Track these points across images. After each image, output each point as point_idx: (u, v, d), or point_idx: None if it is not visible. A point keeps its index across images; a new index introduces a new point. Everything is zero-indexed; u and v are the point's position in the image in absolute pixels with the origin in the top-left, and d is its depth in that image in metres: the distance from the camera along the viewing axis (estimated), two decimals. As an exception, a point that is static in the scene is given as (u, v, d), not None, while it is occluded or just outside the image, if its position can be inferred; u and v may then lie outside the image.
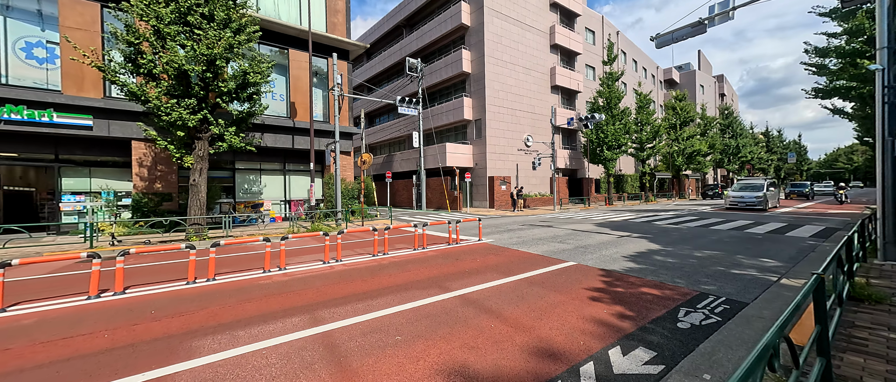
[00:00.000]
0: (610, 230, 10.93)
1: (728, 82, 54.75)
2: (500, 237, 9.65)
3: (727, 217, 14.45)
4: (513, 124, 23.95)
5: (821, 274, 2.26)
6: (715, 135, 38.35)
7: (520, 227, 11.93)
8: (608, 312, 3.88)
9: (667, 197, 35.43)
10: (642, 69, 38.90)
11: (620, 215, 16.47)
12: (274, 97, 14.53)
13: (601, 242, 8.57)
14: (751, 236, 9.53)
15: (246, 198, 14.28)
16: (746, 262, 6.34)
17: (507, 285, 4.94)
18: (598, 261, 6.42)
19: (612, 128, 24.45)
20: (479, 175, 22.86)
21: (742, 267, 6.02)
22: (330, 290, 4.71)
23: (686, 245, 8.12)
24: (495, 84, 22.73)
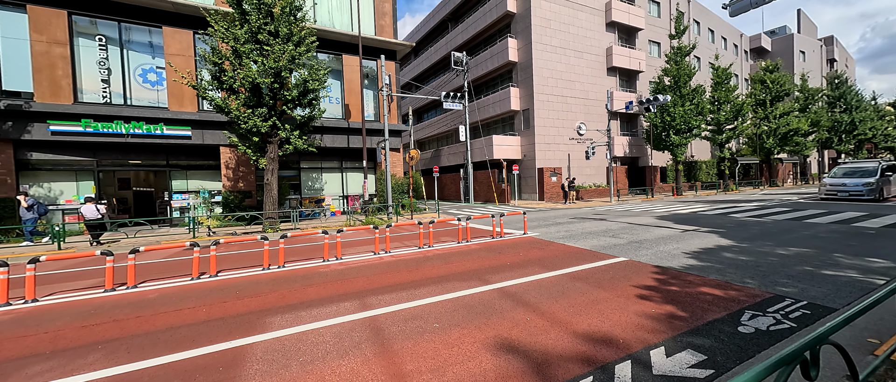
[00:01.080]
0: (672, 223, 9.96)
1: (840, 45, 45.00)
2: (547, 230, 9.41)
3: (829, 208, 12.15)
4: (563, 112, 22.76)
5: None
6: (820, 109, 32.03)
7: (569, 220, 11.46)
8: (657, 311, 3.66)
9: (753, 185, 30.72)
10: (721, 39, 33.87)
11: (689, 207, 14.81)
12: (330, 101, 15.80)
13: (660, 237, 7.89)
14: (860, 231, 7.95)
15: (310, 194, 15.85)
16: (846, 262, 5.36)
17: (548, 279, 4.89)
18: (652, 258, 5.97)
19: (680, 109, 21.87)
20: (528, 166, 22.25)
21: (839, 267, 5.12)
22: (378, 279, 5.14)
23: (767, 241, 7.10)
24: (544, 71, 21.76)
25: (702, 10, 31.92)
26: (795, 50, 38.12)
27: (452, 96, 16.02)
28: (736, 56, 35.28)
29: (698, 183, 28.11)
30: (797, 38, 38.61)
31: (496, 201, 21.37)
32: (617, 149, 24.80)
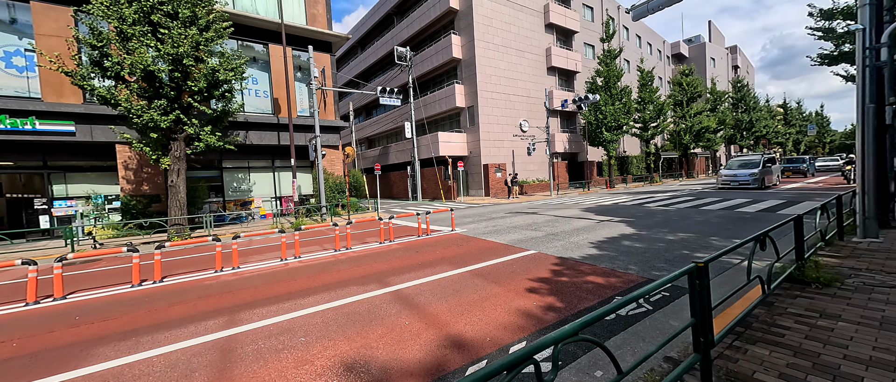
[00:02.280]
0: (594, 214, 10.62)
1: (742, 53, 51.99)
2: (476, 226, 9.49)
3: (724, 196, 13.87)
4: (507, 109, 23.40)
5: (699, 263, 2.05)
6: (726, 110, 36.71)
7: (503, 215, 11.72)
8: (538, 304, 3.71)
9: (674, 177, 34.37)
10: (647, 45, 37.24)
11: (616, 198, 16.02)
12: (257, 94, 14.51)
13: (577, 228, 8.31)
14: (740, 216, 9.09)
15: (236, 197, 14.46)
16: (717, 244, 6.02)
17: (451, 278, 4.81)
18: (560, 249, 6.21)
19: (610, 108, 23.59)
20: (474, 163, 22.56)
21: (710, 249, 5.72)
22: (268, 289, 4.68)
23: (664, 228, 7.79)
24: (487, 69, 22.13)
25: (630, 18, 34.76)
26: (707, 57, 43.24)
27: (396, 92, 15.58)
28: (659, 60, 39.05)
29: (629, 176, 30.76)
30: (708, 47, 43.83)
31: (443, 198, 21.38)
32: (557, 146, 26.14)
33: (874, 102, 5.19)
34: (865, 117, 5.18)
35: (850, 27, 5.01)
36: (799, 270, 3.63)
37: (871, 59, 5.11)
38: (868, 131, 5.20)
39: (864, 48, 5.14)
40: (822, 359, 2.22)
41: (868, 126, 5.19)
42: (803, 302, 3.12)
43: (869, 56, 5.11)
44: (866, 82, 5.15)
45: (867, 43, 5.12)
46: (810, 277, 3.52)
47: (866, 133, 5.21)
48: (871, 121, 5.17)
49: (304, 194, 15.80)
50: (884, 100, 6.50)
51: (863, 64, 5.16)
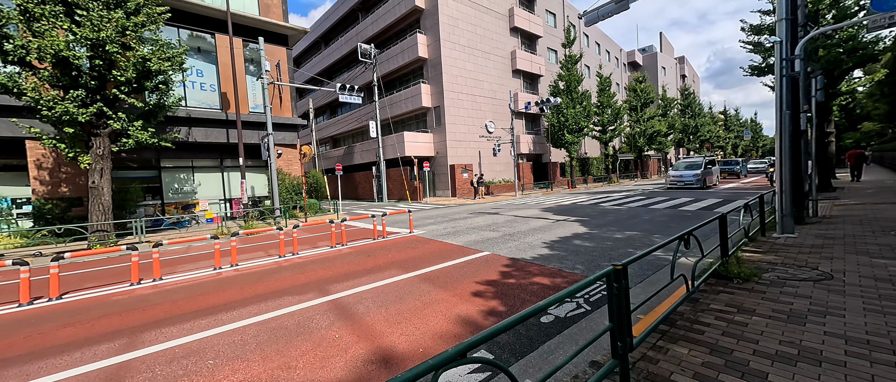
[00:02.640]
0: (552, 214, 10.86)
1: (689, 63, 56.44)
2: (436, 228, 9.33)
3: (671, 195, 14.83)
4: (473, 110, 23.54)
5: (617, 265, 2.00)
6: (675, 115, 39.57)
7: (466, 216, 11.67)
8: (480, 309, 3.60)
9: (630, 177, 36.48)
10: (606, 52, 39.25)
11: (576, 198, 16.60)
12: (202, 87, 13.37)
13: (533, 228, 8.42)
14: (682, 214, 9.69)
15: (177, 199, 13.22)
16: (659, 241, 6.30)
17: (397, 283, 4.59)
18: (513, 250, 6.20)
19: (571, 111, 24.51)
20: (441, 163, 22.45)
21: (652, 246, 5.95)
22: (188, 304, 4.19)
23: (615, 226, 8.09)
24: (453, 69, 22.12)
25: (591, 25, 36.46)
26: (659, 65, 46.46)
27: (356, 90, 15.02)
28: (616, 67, 41.34)
29: (590, 176, 32.19)
30: (660, 56, 47.12)
31: (409, 199, 21.05)
32: (522, 147, 26.74)
33: (790, 109, 5.68)
34: (783, 123, 5.65)
35: (771, 39, 5.41)
36: (723, 266, 3.82)
37: (787, 70, 5.58)
38: (785, 136, 5.67)
39: (781, 59, 5.60)
40: (735, 356, 2.28)
41: (785, 131, 5.67)
42: (725, 298, 3.25)
43: (785, 67, 5.58)
44: (783, 91, 5.61)
45: (784, 54, 5.59)
46: (732, 273, 3.71)
47: (783, 138, 5.68)
48: (787, 127, 5.65)
49: (258, 195, 14.82)
50: (798, 108, 7.17)
51: (780, 74, 5.62)
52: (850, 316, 2.72)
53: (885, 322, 2.59)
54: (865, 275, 3.59)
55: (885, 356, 2.16)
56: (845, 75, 12.80)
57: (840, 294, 3.17)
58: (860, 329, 2.50)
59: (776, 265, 4.14)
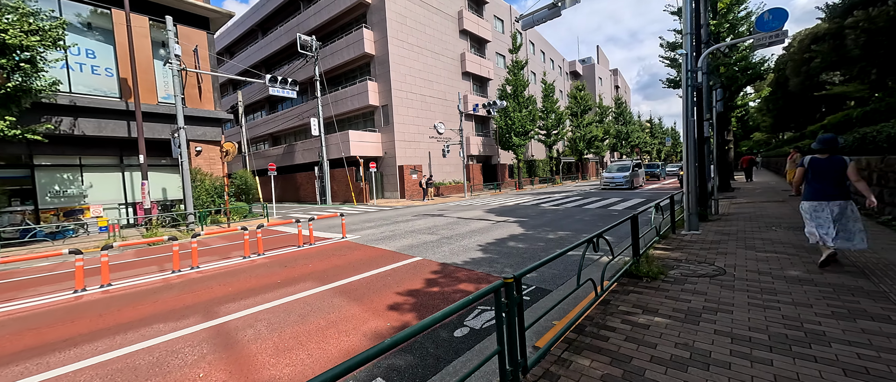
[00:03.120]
0: (494, 216, 10.92)
1: (621, 76, 62.27)
2: (373, 232, 8.80)
3: (604, 196, 15.94)
4: (423, 110, 23.24)
5: (506, 278, 1.77)
6: (610, 122, 43.24)
7: (409, 218, 11.27)
8: (393, 326, 3.24)
9: (572, 179, 39.00)
10: (550, 61, 41.57)
11: (520, 199, 17.07)
12: (96, 71, 11.26)
13: (473, 230, 8.30)
14: (611, 213, 10.32)
15: (59, 204, 10.94)
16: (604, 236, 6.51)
17: (306, 299, 4.05)
18: (447, 254, 5.95)
19: (518, 115, 25.39)
20: (389, 164, 21.77)
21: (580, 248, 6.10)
22: (10, 343, 3.23)
23: (550, 227, 8.28)
24: (401, 67, 21.60)
25: (536, 34, 38.36)
26: (596, 76, 50.53)
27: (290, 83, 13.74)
28: (560, 75, 44.07)
29: (536, 178, 33.72)
30: (597, 68, 51.29)
31: (354, 201, 20.05)
32: (472, 149, 27.08)
33: (696, 118, 6.20)
34: (689, 130, 6.15)
35: (678, 52, 5.80)
36: (635, 265, 3.92)
37: (692, 81, 6.08)
38: (691, 142, 6.17)
39: (687, 71, 6.10)
40: (633, 364, 2.20)
41: (691, 138, 6.17)
42: (633, 298, 3.28)
43: (690, 78, 6.08)
44: (689, 100, 6.11)
45: (689, 66, 6.09)
46: (642, 272, 3.80)
47: (689, 142, 6.18)
48: (692, 134, 6.16)
49: (172, 199, 12.90)
50: (702, 117, 7.93)
51: (686, 84, 6.11)
52: (737, 312, 2.85)
53: (765, 316, 2.73)
54: (751, 269, 3.90)
55: (763, 354, 2.22)
56: (740, 91, 14.80)
57: (730, 289, 3.36)
58: (744, 326, 2.60)
59: (681, 262, 4.38)
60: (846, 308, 2.78)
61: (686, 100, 6.13)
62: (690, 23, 6.06)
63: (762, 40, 5.46)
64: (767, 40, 5.40)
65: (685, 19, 6.12)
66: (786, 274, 3.68)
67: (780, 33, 5.32)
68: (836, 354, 2.15)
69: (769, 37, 5.38)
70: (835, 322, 2.55)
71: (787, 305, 2.90)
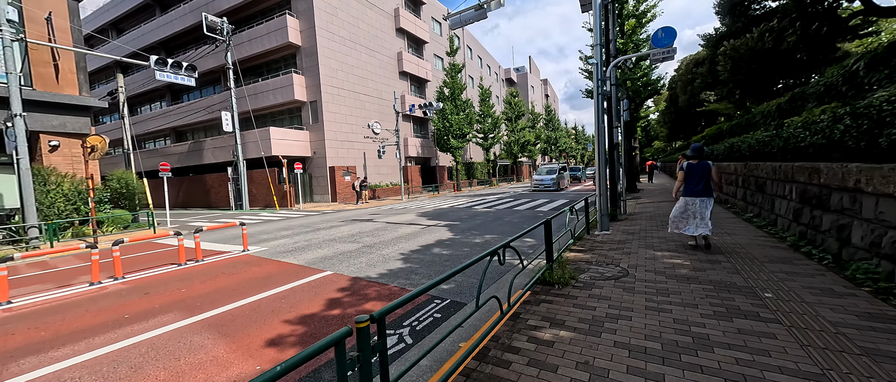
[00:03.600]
0: (426, 220, 10.55)
1: (550, 85, 67.67)
2: (285, 242, 7.73)
3: (534, 197, 16.76)
4: (358, 109, 22.01)
5: (360, 321, 1.31)
6: (541, 128, 46.49)
7: (334, 225, 10.29)
8: (263, 369, 2.56)
9: (508, 181, 40.89)
10: (487, 67, 43.13)
11: (456, 201, 17.05)
12: None
13: (400, 236, 7.79)
14: (537, 214, 10.71)
15: None
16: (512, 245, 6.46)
17: (153, 339, 3.11)
18: (363, 266, 5.35)
19: (456, 117, 25.63)
20: (319, 165, 20.10)
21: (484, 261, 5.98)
22: None
23: (479, 231, 8.17)
24: (332, 61, 20.13)
25: (475, 40, 39.45)
26: (529, 84, 54.03)
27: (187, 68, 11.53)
28: (496, 81, 46.05)
29: (475, 180, 34.55)
30: (529, 77, 54.90)
31: (277, 205, 18.02)
32: (411, 150, 26.56)
33: (607, 125, 6.58)
34: (600, 135, 6.49)
35: (590, 61, 6.04)
36: (549, 271, 3.82)
37: (602, 89, 6.44)
38: (602, 147, 6.53)
39: (597, 80, 6.44)
40: (530, 397, 1.92)
41: (602, 143, 6.52)
42: (543, 309, 3.11)
43: (600, 86, 6.43)
44: (599, 107, 6.45)
45: (599, 76, 6.44)
46: (555, 279, 3.71)
47: (600, 147, 6.53)
48: (604, 139, 6.52)
49: (8, 207, 9.91)
50: (613, 124, 8.55)
51: (597, 92, 6.45)
52: (635, 317, 2.82)
53: (659, 321, 2.74)
54: (649, 269, 4.09)
55: (656, 367, 2.13)
56: (643, 103, 16.82)
57: (631, 291, 3.41)
58: (641, 334, 2.55)
59: (591, 264, 4.46)
60: (725, 306, 2.94)
61: (597, 106, 6.46)
62: (600, 36, 6.41)
63: (657, 55, 6.01)
64: (661, 55, 5.95)
65: (596, 32, 6.46)
66: (676, 272, 3.91)
67: (670, 50, 5.90)
68: (719, 361, 2.15)
69: (662, 52, 5.94)
70: (716, 323, 2.64)
71: (677, 307, 2.98)
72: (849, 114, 3.65)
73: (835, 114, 3.97)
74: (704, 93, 21.03)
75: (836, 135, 3.89)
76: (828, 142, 4.17)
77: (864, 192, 3.35)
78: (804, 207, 4.68)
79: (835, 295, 2.99)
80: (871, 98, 3.34)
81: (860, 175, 3.36)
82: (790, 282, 3.35)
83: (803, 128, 4.86)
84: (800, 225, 4.80)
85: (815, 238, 4.35)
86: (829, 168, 3.92)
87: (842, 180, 3.67)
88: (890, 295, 2.82)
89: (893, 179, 2.90)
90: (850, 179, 3.53)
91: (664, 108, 31.92)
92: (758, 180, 6.61)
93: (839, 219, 3.81)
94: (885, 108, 3.04)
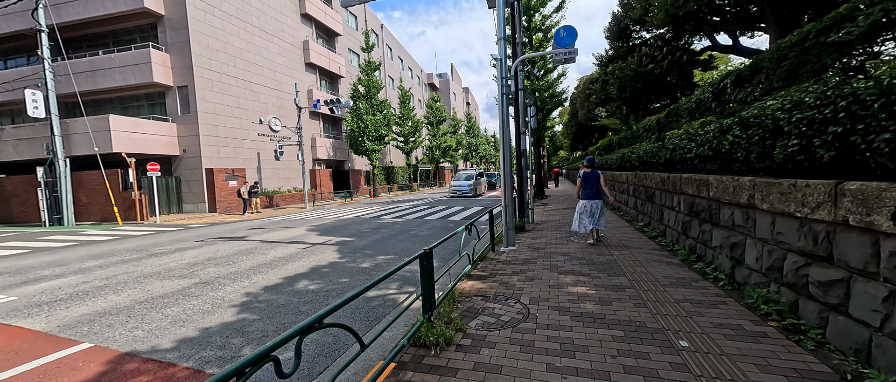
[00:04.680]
0: (316, 235, 8.71)
1: (472, 94, 70.33)
2: (66, 283, 5.12)
3: (450, 204, 16.10)
4: (250, 101, 18.49)
5: None
6: (462, 134, 47.45)
7: (180, 248, 7.67)
8: None
9: (429, 186, 40.36)
10: (408, 69, 42.12)
11: (368, 209, 15.31)
12: None
13: (262, 263, 5.90)
14: (448, 225, 9.82)
15: None
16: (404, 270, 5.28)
17: None
18: (161, 326, 3.46)
19: (372, 118, 23.77)
20: (191, 166, 16.07)
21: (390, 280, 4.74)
22: None
23: (373, 249, 6.78)
24: (212, 40, 16.42)
25: (395, 41, 38.03)
26: (451, 91, 54.94)
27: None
28: (418, 85, 45.41)
29: (395, 185, 32.95)
30: (451, 84, 55.90)
31: (118, 219, 13.61)
32: (320, 152, 23.70)
33: (513, 128, 5.91)
34: (505, 138, 5.79)
35: (492, 56, 5.24)
36: (426, 327, 2.68)
37: (506, 86, 5.76)
38: (507, 152, 5.84)
39: (502, 78, 5.74)
40: None
41: (507, 147, 5.83)
42: (395, 413, 1.92)
43: (504, 85, 5.75)
44: (504, 107, 5.75)
45: (503, 73, 5.74)
46: (431, 340, 2.58)
47: (506, 153, 5.83)
48: (510, 143, 5.83)
49: None
50: (520, 129, 8.09)
51: (501, 91, 5.75)
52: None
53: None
54: (553, 305, 3.31)
55: None
56: (550, 114, 17.73)
57: (529, 349, 2.49)
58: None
59: (488, 299, 3.52)
60: (640, 369, 2.18)
61: (502, 107, 5.76)
62: (502, 28, 5.73)
63: (560, 55, 5.60)
64: (564, 56, 5.56)
65: (497, 25, 5.78)
66: (582, 308, 3.20)
67: (571, 51, 5.54)
68: None
69: (565, 52, 5.55)
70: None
71: (584, 374, 2.11)
72: (738, 124, 3.42)
73: (722, 124, 3.80)
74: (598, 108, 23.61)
75: (725, 147, 3.70)
76: (715, 153, 4.03)
77: (758, 209, 3.07)
78: (693, 220, 4.57)
79: (748, 336, 2.51)
80: (762, 106, 3.08)
81: (754, 190, 3.07)
82: (698, 318, 2.85)
83: (689, 139, 4.82)
84: (689, 238, 4.71)
85: (705, 253, 4.20)
86: (720, 181, 3.71)
87: (733, 194, 3.43)
88: (801, 334, 2.42)
89: (795, 197, 2.55)
90: (742, 194, 3.26)
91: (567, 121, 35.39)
92: (647, 190, 6.76)
93: (731, 236, 3.58)
94: (781, 117, 2.73)
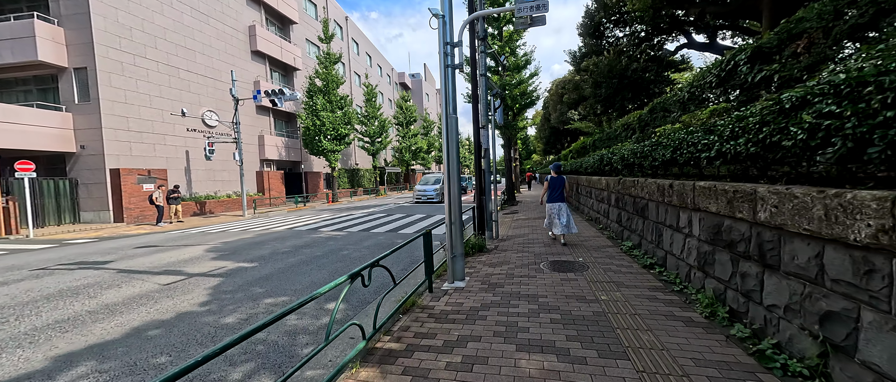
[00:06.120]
0: (212, 259, 6.55)
1: (446, 96, 68.99)
2: None
3: (410, 212, 14.22)
4: (176, 90, 15.69)
5: None
6: (434, 136, 45.74)
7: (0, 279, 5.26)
8: None
9: (398, 190, 38.19)
10: (378, 66, 39.91)
11: (315, 217, 13.09)
12: None
13: (70, 316, 3.76)
14: (395, 239, 7.95)
15: None
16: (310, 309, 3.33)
17: None
18: None
19: (330, 115, 21.43)
20: (91, 166, 13.13)
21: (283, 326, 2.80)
22: None
23: (267, 285, 4.77)
24: (121, 14, 13.62)
25: (362, 35, 35.74)
26: (423, 91, 53.17)
27: None
28: (389, 84, 43.27)
29: (360, 188, 30.54)
30: (424, 84, 54.15)
31: (-26, 234, 10.54)
32: (270, 152, 21.05)
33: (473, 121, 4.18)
34: (449, 128, 4.05)
35: (432, 11, 3.43)
36: None
37: (450, 55, 4.02)
38: (452, 144, 4.09)
39: (443, 43, 3.99)
40: None
41: (452, 139, 4.09)
42: None
43: (448, 51, 4.01)
44: (447, 83, 4.02)
45: (446, 38, 4.01)
46: None
47: (450, 146, 4.09)
48: (454, 132, 4.09)
49: None
50: (478, 124, 6.39)
51: (442, 63, 4.01)
52: None
53: None
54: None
55: None
56: (521, 112, 16.34)
57: None
58: None
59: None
60: None
61: (444, 83, 4.03)
62: (447, -29, 3.99)
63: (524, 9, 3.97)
64: (528, 9, 3.93)
65: (441, -35, 4.02)
66: None
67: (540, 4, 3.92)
68: None
69: (530, 6, 3.93)
70: None
71: None
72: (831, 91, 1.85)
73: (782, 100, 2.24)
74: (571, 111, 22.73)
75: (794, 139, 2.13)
76: (763, 149, 2.48)
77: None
78: (720, 253, 3.02)
79: None
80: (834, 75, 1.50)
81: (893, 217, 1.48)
82: None
83: (705, 132, 3.29)
84: (712, 278, 3.15)
85: (749, 310, 2.63)
86: (786, 196, 2.14)
87: (828, 226, 1.85)
88: None
89: None
90: (856, 225, 1.68)
91: (539, 124, 34.66)
92: (636, 201, 5.27)
93: (817, 298, 2.00)
94: None
